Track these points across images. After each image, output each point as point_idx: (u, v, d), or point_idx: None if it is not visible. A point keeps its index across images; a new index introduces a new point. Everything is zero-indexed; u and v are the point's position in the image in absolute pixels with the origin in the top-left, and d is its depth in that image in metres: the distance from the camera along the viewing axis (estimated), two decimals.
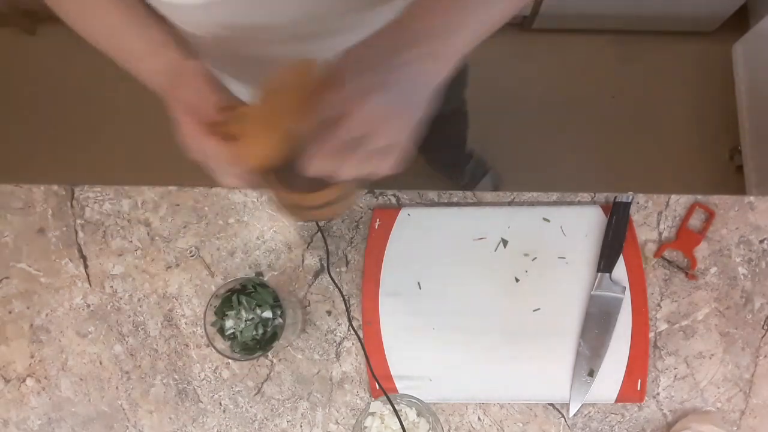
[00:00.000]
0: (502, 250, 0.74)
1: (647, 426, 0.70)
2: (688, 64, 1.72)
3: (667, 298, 0.73)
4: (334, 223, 0.77)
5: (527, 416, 0.71)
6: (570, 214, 0.75)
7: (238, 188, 0.67)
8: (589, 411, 0.71)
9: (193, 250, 0.77)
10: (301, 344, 0.74)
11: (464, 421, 0.71)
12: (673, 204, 0.75)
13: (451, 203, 0.77)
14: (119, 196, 0.79)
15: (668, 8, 1.58)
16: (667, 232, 0.74)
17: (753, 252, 0.73)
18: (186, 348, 0.74)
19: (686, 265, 0.73)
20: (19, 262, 0.78)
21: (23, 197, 0.80)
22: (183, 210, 0.78)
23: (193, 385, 0.74)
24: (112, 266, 0.77)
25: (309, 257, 0.76)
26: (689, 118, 1.68)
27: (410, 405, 0.64)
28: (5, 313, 0.76)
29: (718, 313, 0.72)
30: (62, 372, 0.75)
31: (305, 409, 0.72)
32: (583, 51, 1.74)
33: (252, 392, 0.73)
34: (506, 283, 0.73)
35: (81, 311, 0.76)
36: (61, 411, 0.74)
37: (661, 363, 0.71)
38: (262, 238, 0.77)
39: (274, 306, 0.66)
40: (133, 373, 0.74)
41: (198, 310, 0.75)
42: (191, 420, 0.73)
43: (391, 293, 0.73)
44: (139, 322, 0.75)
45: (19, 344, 0.76)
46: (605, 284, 0.72)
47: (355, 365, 0.73)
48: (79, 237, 0.78)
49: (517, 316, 0.72)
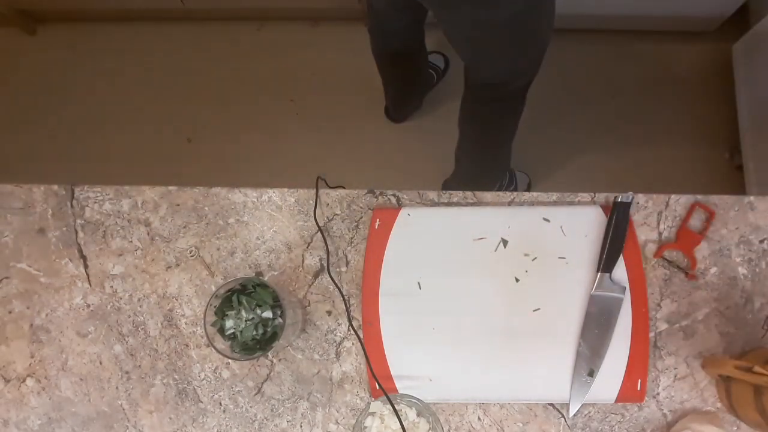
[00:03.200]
0: (502, 250, 0.74)
1: (647, 426, 0.70)
2: (688, 64, 1.72)
3: (667, 298, 0.73)
4: (334, 222, 0.77)
5: (527, 416, 0.71)
6: (570, 214, 0.75)
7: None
8: (589, 411, 0.71)
9: (193, 250, 0.77)
10: (301, 344, 0.74)
11: (464, 421, 0.71)
12: (673, 204, 0.75)
13: (451, 203, 0.77)
14: (119, 196, 0.79)
15: (668, 8, 1.58)
16: (667, 232, 0.74)
17: (753, 252, 0.73)
18: (186, 348, 0.74)
19: (686, 265, 0.73)
20: (19, 262, 0.78)
21: (23, 197, 0.80)
22: (183, 210, 0.78)
23: (193, 385, 0.74)
24: (112, 266, 0.77)
25: (309, 257, 0.76)
26: (689, 118, 1.68)
27: (410, 405, 0.64)
28: (5, 313, 0.76)
29: (718, 313, 0.72)
30: (62, 372, 0.75)
31: (305, 409, 0.72)
32: (583, 51, 1.74)
33: (252, 392, 0.73)
34: (506, 283, 0.73)
35: (81, 311, 0.76)
36: (61, 411, 0.74)
37: (661, 363, 0.71)
38: (262, 238, 0.77)
39: (274, 306, 0.66)
40: (133, 373, 0.74)
41: (198, 310, 0.75)
42: (191, 420, 0.73)
43: (391, 293, 0.73)
44: (139, 322, 0.75)
45: (19, 344, 0.76)
46: (605, 284, 0.72)
47: (355, 365, 0.73)
48: (79, 237, 0.78)
49: (517, 316, 0.72)
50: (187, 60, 1.86)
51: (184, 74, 1.85)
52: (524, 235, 0.74)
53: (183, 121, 1.80)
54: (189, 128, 1.80)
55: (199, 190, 0.79)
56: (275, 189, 0.78)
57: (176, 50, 1.87)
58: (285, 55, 1.83)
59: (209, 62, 1.85)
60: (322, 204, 0.77)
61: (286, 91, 1.80)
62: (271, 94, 1.80)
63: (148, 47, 1.88)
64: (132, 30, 1.89)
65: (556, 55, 1.79)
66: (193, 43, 1.87)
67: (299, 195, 0.78)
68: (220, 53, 1.86)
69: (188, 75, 1.85)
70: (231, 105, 1.81)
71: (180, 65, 1.86)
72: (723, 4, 1.55)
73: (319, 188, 0.77)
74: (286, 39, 1.85)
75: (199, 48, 1.87)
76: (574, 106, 1.71)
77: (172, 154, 1.78)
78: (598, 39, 1.74)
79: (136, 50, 1.88)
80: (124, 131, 1.82)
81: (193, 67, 1.85)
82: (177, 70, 1.86)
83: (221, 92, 1.82)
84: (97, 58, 1.87)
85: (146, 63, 1.86)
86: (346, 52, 1.77)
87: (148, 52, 1.87)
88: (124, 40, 1.89)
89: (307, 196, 0.78)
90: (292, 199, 0.78)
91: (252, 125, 1.78)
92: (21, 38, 1.91)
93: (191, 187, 0.79)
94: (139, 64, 1.87)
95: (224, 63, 1.85)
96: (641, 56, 1.73)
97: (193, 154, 1.78)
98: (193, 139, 1.79)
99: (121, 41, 1.89)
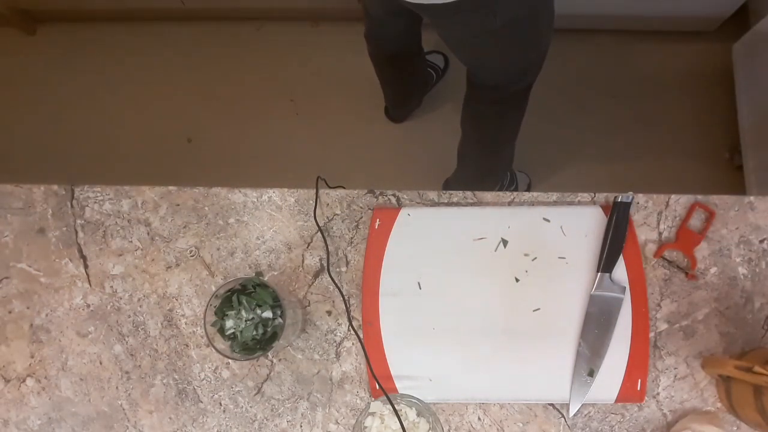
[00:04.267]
0: (502, 250, 0.74)
1: (647, 426, 0.70)
2: (688, 64, 1.72)
3: (667, 298, 0.73)
4: (334, 222, 0.77)
5: (527, 416, 0.71)
6: (570, 214, 0.74)
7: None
8: (589, 411, 0.71)
9: (193, 250, 0.77)
10: (301, 344, 0.74)
11: (464, 421, 0.71)
12: (673, 204, 0.75)
13: (451, 203, 0.77)
14: (119, 196, 0.79)
15: (668, 8, 1.58)
16: (667, 232, 0.74)
17: (753, 252, 0.73)
18: (186, 348, 0.74)
19: (686, 265, 0.73)
20: (19, 262, 0.78)
21: (23, 197, 0.80)
22: (183, 210, 0.78)
23: (193, 385, 0.74)
24: (112, 266, 0.77)
25: (309, 257, 0.76)
26: (689, 117, 1.68)
27: (410, 405, 0.64)
28: (5, 313, 0.76)
29: (718, 313, 0.72)
30: (62, 372, 0.75)
31: (305, 409, 0.72)
32: (584, 51, 1.74)
33: (252, 392, 0.73)
34: (506, 283, 0.73)
35: (81, 311, 0.76)
36: (61, 411, 0.74)
37: (661, 363, 0.71)
38: (262, 238, 0.77)
39: (274, 306, 0.66)
40: (133, 373, 0.74)
41: (198, 310, 0.75)
42: (191, 420, 0.73)
43: (391, 293, 0.73)
44: (139, 322, 0.75)
45: (19, 344, 0.76)
46: (605, 284, 0.71)
47: (355, 365, 0.73)
48: (79, 237, 0.78)
49: (517, 316, 0.72)
50: (187, 60, 1.86)
51: (184, 74, 1.85)
52: (524, 235, 0.74)
53: (183, 121, 1.80)
54: (189, 128, 1.80)
55: (199, 190, 0.79)
56: (275, 189, 0.78)
57: (176, 50, 1.87)
58: (285, 55, 1.83)
59: (209, 62, 1.85)
60: (322, 204, 0.77)
61: (286, 91, 1.80)
62: (271, 94, 1.80)
63: (148, 47, 1.88)
64: (132, 30, 1.89)
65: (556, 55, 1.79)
66: (193, 43, 1.87)
67: (299, 195, 0.78)
68: (220, 53, 1.86)
69: (188, 75, 1.85)
70: (231, 105, 1.81)
71: (180, 65, 1.86)
72: (723, 4, 1.55)
73: (319, 188, 0.77)
74: (286, 39, 1.85)
75: (199, 48, 1.87)
76: (574, 105, 1.71)
77: (172, 154, 1.78)
78: (598, 39, 1.74)
79: (136, 50, 1.88)
80: (124, 131, 1.82)
81: (193, 67, 1.85)
82: (177, 70, 1.85)
83: (221, 92, 1.82)
84: (97, 58, 1.87)
85: (146, 63, 1.86)
86: (346, 52, 1.77)
87: (148, 52, 1.87)
88: (124, 40, 1.89)
89: (307, 196, 0.78)
90: (292, 199, 0.78)
91: (252, 125, 1.78)
92: (21, 38, 1.91)
93: (191, 187, 0.79)
94: (139, 64, 1.86)
95: (224, 63, 1.85)
96: (641, 56, 1.73)
97: (193, 154, 1.78)
98: (193, 139, 1.79)
99: (121, 41, 1.89)
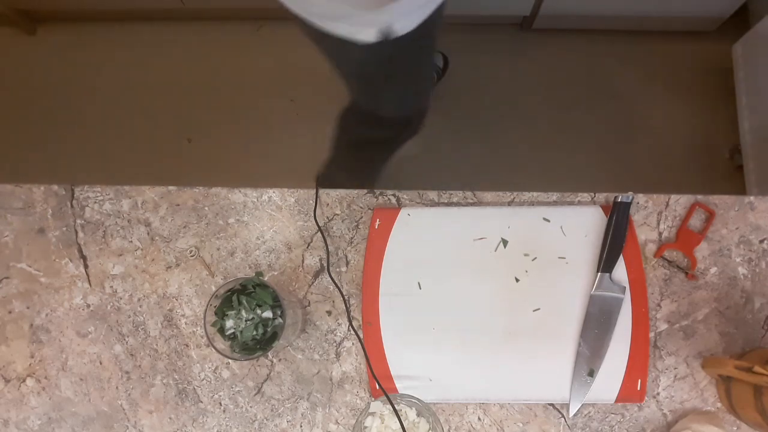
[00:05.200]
0: (502, 250, 0.74)
1: (647, 426, 0.70)
2: (688, 64, 1.72)
3: (667, 298, 0.73)
4: (334, 222, 0.77)
5: (527, 416, 0.71)
6: (570, 214, 0.75)
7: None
8: (589, 411, 0.71)
9: (193, 250, 0.77)
10: (301, 344, 0.74)
11: (464, 421, 0.71)
12: (673, 204, 0.75)
13: (451, 203, 0.77)
14: (119, 196, 0.79)
15: (668, 8, 1.58)
16: (667, 232, 0.74)
17: (753, 252, 0.73)
18: (186, 348, 0.74)
19: (686, 265, 0.73)
20: (19, 262, 0.78)
21: (23, 197, 0.80)
22: (183, 210, 0.78)
23: (193, 385, 0.74)
24: (112, 266, 0.77)
25: (309, 257, 0.76)
26: (689, 117, 1.68)
27: (410, 405, 0.64)
28: (5, 313, 0.76)
29: (718, 313, 0.72)
30: (62, 372, 0.75)
31: (305, 409, 0.72)
32: (583, 51, 1.75)
33: (252, 392, 0.73)
34: (506, 283, 0.73)
35: (81, 311, 0.76)
36: (61, 411, 0.74)
37: (661, 363, 0.71)
38: (262, 238, 0.77)
39: (274, 306, 0.66)
40: (133, 373, 0.74)
41: (198, 310, 0.75)
42: (191, 420, 0.73)
43: (391, 293, 0.73)
44: (139, 322, 0.75)
45: (19, 344, 0.76)
46: (605, 284, 0.72)
47: (355, 365, 0.73)
48: (79, 237, 0.78)
49: (517, 316, 0.72)
50: (187, 60, 1.86)
51: (184, 74, 1.85)
52: (524, 235, 0.74)
53: (183, 121, 1.80)
54: (189, 128, 1.80)
55: (199, 190, 0.79)
56: (275, 189, 0.78)
57: (176, 50, 1.87)
58: (285, 55, 1.83)
59: (209, 62, 1.85)
60: (322, 204, 0.77)
61: (286, 91, 1.80)
62: (271, 94, 1.80)
63: (148, 47, 1.88)
64: (132, 30, 1.89)
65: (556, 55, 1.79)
66: (193, 43, 1.87)
67: (299, 195, 0.78)
68: (220, 53, 1.86)
69: (188, 75, 1.85)
70: (231, 105, 1.80)
71: (180, 65, 1.86)
72: (723, 4, 1.55)
73: (319, 188, 0.77)
74: (286, 39, 1.84)
75: (199, 48, 1.87)
76: (573, 105, 1.71)
77: (172, 154, 1.78)
78: (598, 39, 1.74)
79: (136, 50, 1.88)
80: (124, 131, 1.82)
81: (193, 67, 1.85)
82: (177, 70, 1.85)
83: (221, 92, 1.82)
84: (97, 58, 1.87)
85: (146, 63, 1.86)
86: None
87: (148, 52, 1.87)
88: (124, 40, 1.89)
89: (307, 196, 0.78)
90: (292, 199, 0.78)
91: (252, 125, 1.78)
92: (21, 38, 1.90)
93: (191, 187, 0.79)
94: (139, 64, 1.86)
95: (224, 63, 1.85)
96: (641, 56, 1.73)
97: (193, 154, 1.78)
98: (193, 139, 1.79)
99: (121, 41, 1.89)
